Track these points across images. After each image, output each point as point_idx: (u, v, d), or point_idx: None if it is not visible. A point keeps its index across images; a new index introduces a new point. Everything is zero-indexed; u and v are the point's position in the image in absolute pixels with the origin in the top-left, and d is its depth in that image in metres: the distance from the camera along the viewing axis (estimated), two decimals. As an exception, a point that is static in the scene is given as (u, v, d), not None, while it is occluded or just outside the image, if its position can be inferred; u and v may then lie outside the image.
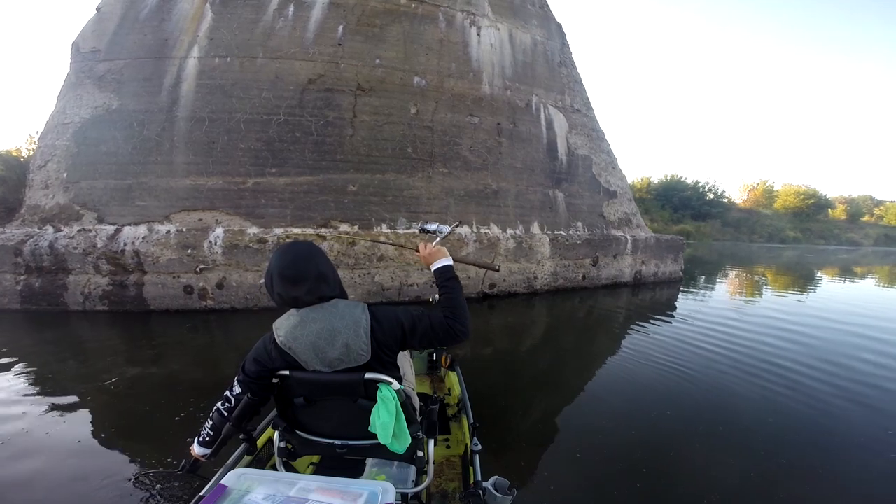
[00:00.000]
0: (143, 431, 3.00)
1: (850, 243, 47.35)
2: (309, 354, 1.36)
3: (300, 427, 1.51)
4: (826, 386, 4.18)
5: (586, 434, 3.10)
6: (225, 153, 6.79)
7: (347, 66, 7.54)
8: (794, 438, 3.15)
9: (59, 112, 7.02)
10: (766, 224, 44.78)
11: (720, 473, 2.65)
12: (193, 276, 6.17)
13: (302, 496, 1.16)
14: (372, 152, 7.45)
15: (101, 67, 7.17)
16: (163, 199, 6.49)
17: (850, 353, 5.35)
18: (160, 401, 3.43)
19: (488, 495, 1.62)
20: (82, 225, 6.19)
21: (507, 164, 8.79)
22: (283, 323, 1.42)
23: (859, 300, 10.03)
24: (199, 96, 6.97)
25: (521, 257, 8.48)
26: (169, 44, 7.30)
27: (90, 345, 4.86)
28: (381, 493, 1.20)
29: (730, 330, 6.23)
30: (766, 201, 52.85)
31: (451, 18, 8.75)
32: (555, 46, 10.41)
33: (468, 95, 8.56)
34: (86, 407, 3.34)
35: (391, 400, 1.35)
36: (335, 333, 1.37)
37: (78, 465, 2.57)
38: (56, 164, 6.64)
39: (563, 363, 4.83)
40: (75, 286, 6.00)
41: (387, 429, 1.33)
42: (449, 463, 2.17)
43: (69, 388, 3.64)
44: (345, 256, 6.74)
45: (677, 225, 35.90)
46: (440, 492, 1.96)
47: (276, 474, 1.33)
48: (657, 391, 3.90)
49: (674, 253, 11.86)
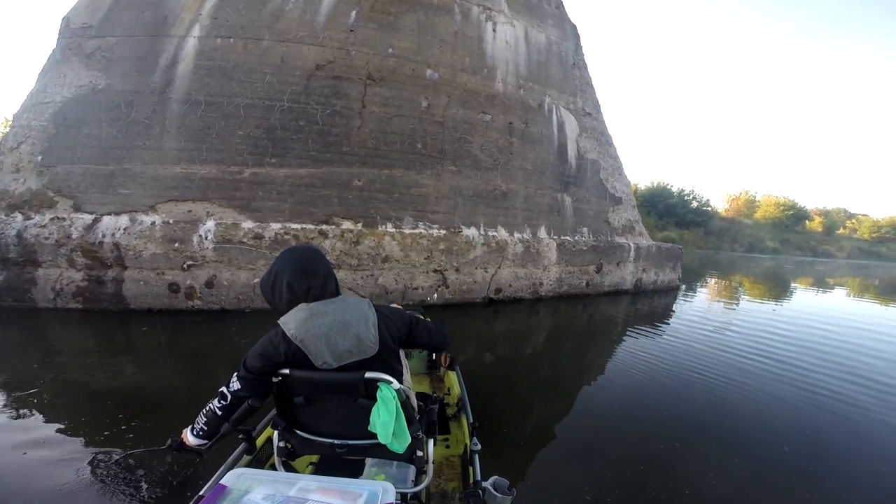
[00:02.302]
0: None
1: (826, 255, 47.65)
2: (320, 347, 1.31)
3: (300, 426, 1.44)
4: (824, 390, 4.21)
5: (586, 434, 3.06)
6: (221, 140, 5.95)
7: (358, 53, 6.75)
8: (792, 437, 3.16)
9: (39, 91, 6.11)
10: (747, 234, 44.70)
11: (718, 475, 2.61)
12: (180, 272, 5.35)
13: (302, 496, 1.12)
14: (380, 146, 6.68)
15: (90, 44, 6.30)
16: (149, 188, 5.62)
17: (850, 357, 5.58)
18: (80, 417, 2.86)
19: (488, 495, 1.55)
20: (56, 213, 5.30)
21: (517, 165, 8.10)
22: (293, 317, 1.35)
23: (836, 308, 10.64)
24: (197, 78, 6.14)
25: (528, 262, 7.84)
26: (168, 21, 6.45)
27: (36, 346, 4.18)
28: (380, 493, 1.15)
29: (724, 336, 6.25)
30: (747, 211, 52.76)
31: (467, 12, 8.02)
32: (569, 47, 9.74)
33: (481, 92, 7.85)
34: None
35: (391, 399, 1.30)
36: (347, 325, 1.34)
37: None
38: (30, 146, 5.71)
39: (563, 366, 4.77)
40: (45, 281, 5.14)
41: (387, 428, 1.28)
42: (448, 463, 2.09)
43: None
44: (347, 256, 6.00)
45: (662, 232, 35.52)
46: (440, 492, 1.89)
47: (276, 474, 1.28)
48: (656, 394, 3.86)
49: (672, 261, 11.53)
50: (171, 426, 2.71)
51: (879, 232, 56.42)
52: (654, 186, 42.13)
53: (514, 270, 7.69)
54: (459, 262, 6.99)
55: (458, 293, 7.06)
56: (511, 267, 7.62)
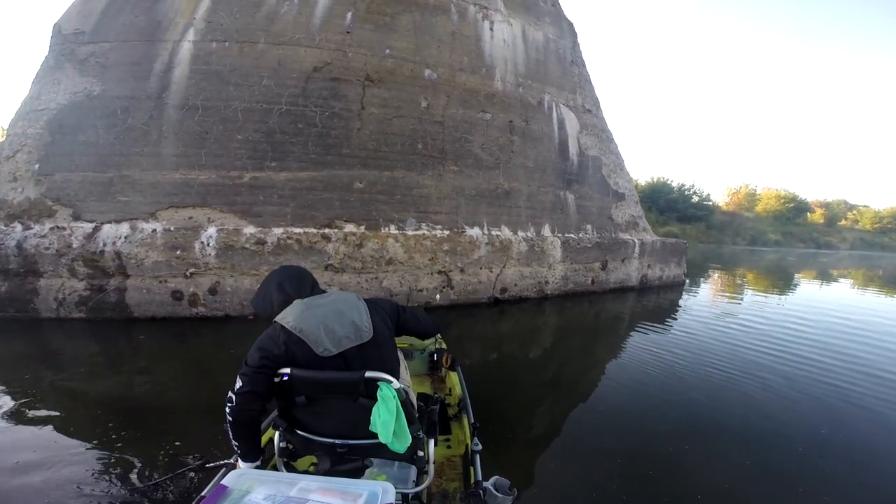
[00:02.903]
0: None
1: (829, 247, 47.32)
2: (318, 334, 1.33)
3: (301, 427, 1.43)
4: (832, 388, 4.07)
5: (587, 434, 3.01)
6: (219, 145, 5.83)
7: (356, 54, 6.62)
8: (797, 436, 3.05)
9: (33, 98, 5.98)
10: (749, 227, 44.37)
11: (721, 474, 2.54)
12: (183, 280, 5.22)
13: (302, 496, 1.10)
14: (380, 147, 6.55)
15: (84, 50, 6.18)
16: (148, 195, 5.49)
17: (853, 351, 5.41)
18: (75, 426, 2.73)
19: (489, 495, 1.54)
20: (56, 222, 5.17)
21: (519, 163, 7.97)
22: (290, 311, 1.40)
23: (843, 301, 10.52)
24: (193, 83, 6.01)
25: (532, 261, 7.70)
26: (162, 26, 6.32)
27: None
28: (381, 493, 1.13)
29: (730, 333, 6.11)
30: (748, 204, 52.38)
31: (464, 11, 7.89)
32: (566, 45, 9.61)
33: (480, 91, 7.72)
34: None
35: (391, 398, 1.29)
36: (342, 314, 1.40)
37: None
38: (26, 154, 5.58)
39: (565, 366, 4.67)
40: (48, 291, 5.01)
41: (387, 427, 1.26)
42: (449, 463, 2.06)
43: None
44: (351, 260, 5.87)
45: (663, 227, 35.30)
46: (441, 492, 1.86)
47: (277, 474, 1.28)
48: (659, 394, 3.75)
49: (677, 257, 11.38)
50: (167, 431, 2.66)
51: (881, 222, 56.15)
52: (654, 182, 41.89)
53: (520, 269, 7.55)
54: (464, 263, 6.85)
55: (463, 294, 6.92)
56: (516, 266, 7.48)
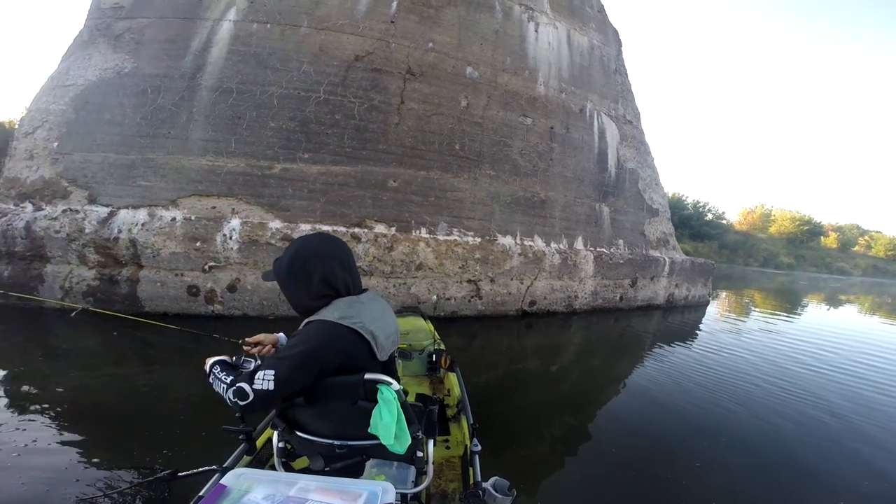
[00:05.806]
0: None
1: (841, 272, 45.53)
2: (386, 340, 1.28)
3: (299, 428, 1.32)
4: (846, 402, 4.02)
5: (586, 436, 2.97)
6: (251, 131, 5.30)
7: (398, 45, 6.05)
8: (800, 451, 2.98)
9: (62, 73, 5.50)
10: (762, 248, 42.86)
11: (720, 480, 2.50)
12: (200, 274, 4.70)
13: (301, 496, 1.02)
14: (417, 145, 5.99)
15: (120, 25, 5.71)
16: (171, 180, 4.99)
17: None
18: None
19: (488, 496, 1.44)
20: (69, 204, 4.68)
21: (557, 171, 7.36)
22: (349, 311, 1.24)
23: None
24: (230, 64, 5.49)
25: (564, 274, 7.10)
26: (203, 4, 5.82)
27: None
28: (380, 494, 1.06)
29: (748, 352, 5.94)
30: (762, 225, 50.65)
31: (509, 10, 7.29)
32: (611, 52, 8.94)
33: (522, 94, 7.11)
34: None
35: (392, 401, 1.21)
36: (392, 318, 1.35)
37: None
38: (46, 131, 5.09)
39: (578, 380, 4.58)
40: (54, 278, 4.53)
41: (389, 430, 1.19)
42: (449, 464, 1.96)
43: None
44: (381, 263, 5.31)
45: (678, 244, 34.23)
46: (440, 492, 1.76)
47: (276, 474, 1.18)
48: (662, 401, 3.71)
49: (704, 277, 10.75)
50: (163, 434, 2.48)
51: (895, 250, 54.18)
52: (670, 198, 40.64)
53: (550, 283, 6.95)
54: (495, 273, 6.27)
55: (491, 305, 6.34)
56: (547, 279, 6.89)
